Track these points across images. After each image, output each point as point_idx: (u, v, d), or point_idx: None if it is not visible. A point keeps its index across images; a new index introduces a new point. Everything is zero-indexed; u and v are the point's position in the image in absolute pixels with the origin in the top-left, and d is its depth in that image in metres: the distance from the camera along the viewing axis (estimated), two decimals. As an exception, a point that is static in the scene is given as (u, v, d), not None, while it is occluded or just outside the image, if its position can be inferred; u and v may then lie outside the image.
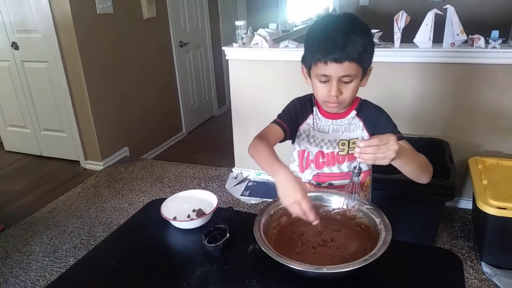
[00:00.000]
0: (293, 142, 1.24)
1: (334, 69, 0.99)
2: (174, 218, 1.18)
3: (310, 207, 0.92)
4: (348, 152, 1.17)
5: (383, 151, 0.87)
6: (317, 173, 1.20)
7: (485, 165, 2.12)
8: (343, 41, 0.97)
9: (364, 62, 1.02)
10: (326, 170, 1.19)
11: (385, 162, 0.89)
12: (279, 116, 1.20)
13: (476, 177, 2.00)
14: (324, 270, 0.85)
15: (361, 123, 1.15)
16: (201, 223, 1.16)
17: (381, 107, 1.17)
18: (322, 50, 0.99)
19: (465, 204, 2.42)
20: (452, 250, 2.04)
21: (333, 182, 1.20)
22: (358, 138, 1.15)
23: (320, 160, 1.19)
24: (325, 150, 1.18)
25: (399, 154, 0.90)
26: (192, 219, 1.18)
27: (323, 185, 1.21)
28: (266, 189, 2.76)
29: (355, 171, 0.98)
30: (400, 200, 1.90)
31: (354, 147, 1.13)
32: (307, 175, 1.22)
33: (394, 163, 0.94)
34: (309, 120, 1.19)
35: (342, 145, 1.16)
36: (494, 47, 2.08)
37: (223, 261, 1.02)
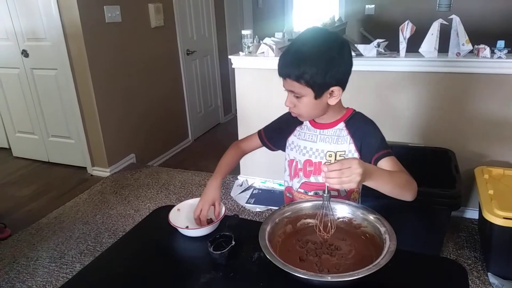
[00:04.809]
0: (284, 150, 1.29)
1: (283, 83, 1.10)
2: (186, 227, 1.19)
3: (203, 214, 1.20)
4: None
5: (347, 175, 0.88)
6: (305, 181, 1.22)
7: (491, 175, 2.11)
8: (289, 61, 1.06)
9: (310, 84, 1.03)
10: (312, 179, 1.21)
11: (352, 185, 0.89)
12: (264, 127, 1.32)
13: (482, 187, 1.99)
14: (329, 278, 0.86)
15: (349, 137, 1.14)
16: (209, 231, 1.17)
17: (373, 121, 1.16)
18: (278, 64, 1.10)
19: (471, 214, 2.41)
20: (458, 261, 2.03)
21: (319, 191, 1.21)
22: (345, 151, 1.15)
23: (308, 168, 1.20)
24: (314, 159, 1.19)
25: (369, 176, 0.91)
26: (201, 227, 1.18)
27: (309, 193, 1.22)
28: (271, 197, 2.76)
29: (325, 195, 0.97)
30: (405, 209, 1.89)
31: (340, 159, 1.14)
32: (295, 184, 1.25)
33: (367, 185, 0.95)
34: (296, 132, 1.24)
35: (329, 156, 1.17)
36: (499, 57, 2.08)
37: (228, 269, 1.03)
